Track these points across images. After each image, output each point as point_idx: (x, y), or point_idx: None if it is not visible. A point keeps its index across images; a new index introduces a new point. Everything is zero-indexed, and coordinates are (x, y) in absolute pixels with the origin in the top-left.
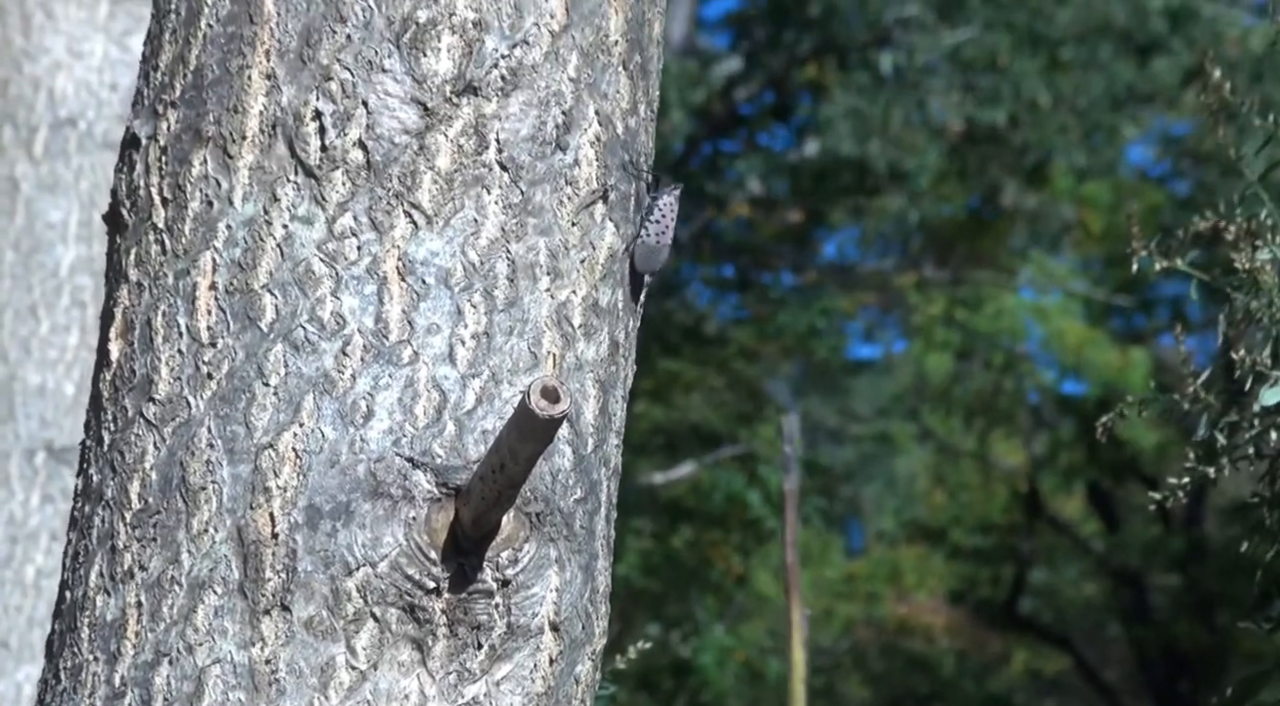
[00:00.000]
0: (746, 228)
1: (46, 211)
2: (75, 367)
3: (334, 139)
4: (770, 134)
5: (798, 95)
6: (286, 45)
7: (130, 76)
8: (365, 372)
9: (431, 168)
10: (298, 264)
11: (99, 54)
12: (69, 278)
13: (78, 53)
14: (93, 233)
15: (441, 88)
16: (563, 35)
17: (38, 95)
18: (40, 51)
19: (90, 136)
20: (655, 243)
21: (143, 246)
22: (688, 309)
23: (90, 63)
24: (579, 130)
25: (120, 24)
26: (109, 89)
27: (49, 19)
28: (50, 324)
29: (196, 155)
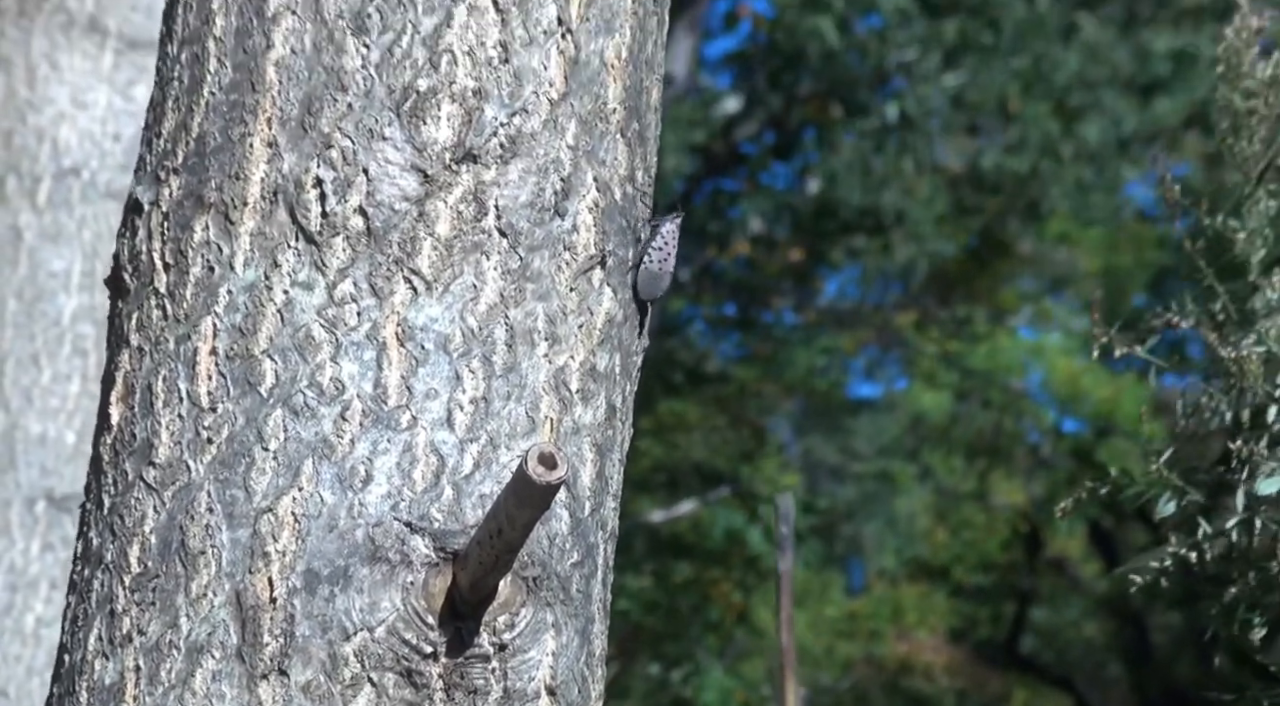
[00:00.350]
0: (747, 266)
1: (49, 261)
2: (76, 416)
3: (335, 205)
4: (771, 173)
5: (799, 134)
6: (288, 113)
7: (134, 126)
8: (364, 437)
9: (431, 234)
10: (298, 329)
11: (103, 104)
12: (71, 326)
13: (82, 103)
14: (95, 282)
15: (441, 155)
16: (561, 103)
17: (42, 146)
18: (45, 102)
19: (93, 186)
20: (658, 269)
21: (144, 311)
22: (689, 347)
23: (94, 113)
24: (577, 196)
25: (124, 74)
26: (112, 139)
27: (54, 70)
28: (52, 373)
29: (198, 221)
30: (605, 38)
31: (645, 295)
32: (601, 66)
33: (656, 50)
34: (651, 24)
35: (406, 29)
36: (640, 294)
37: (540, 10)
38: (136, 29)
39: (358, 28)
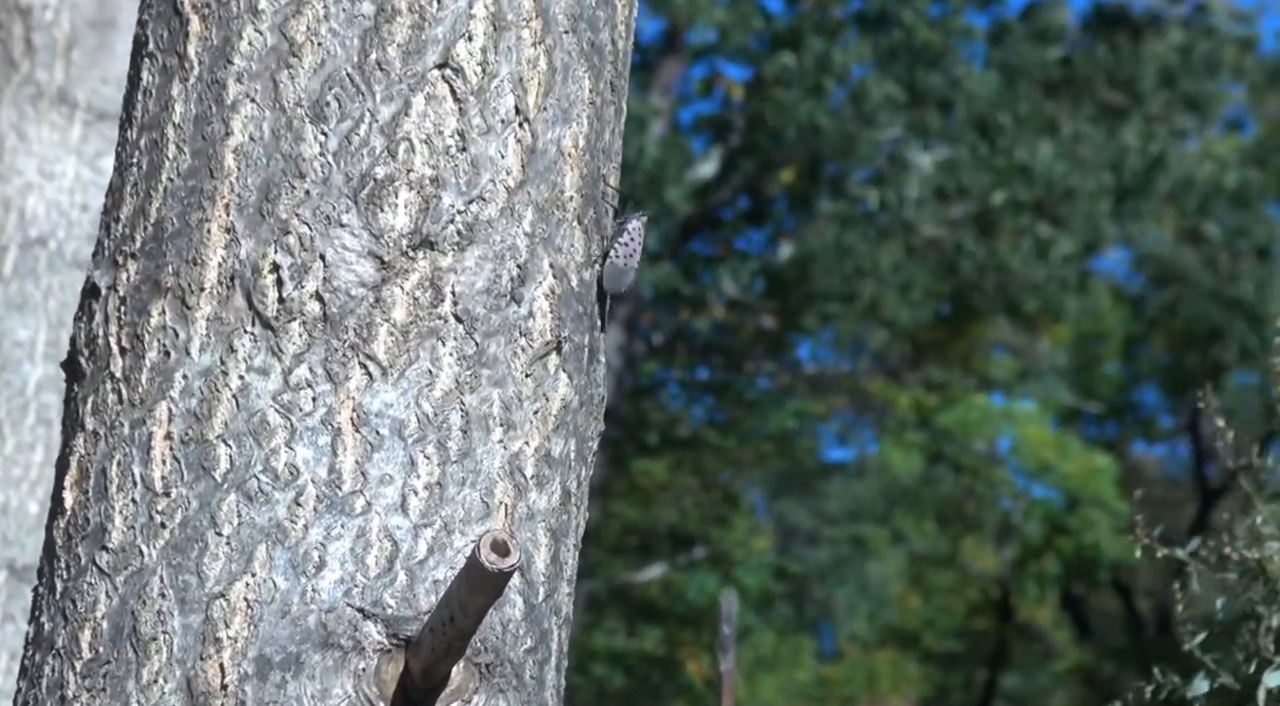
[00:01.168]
0: (721, 331)
1: (14, 330)
2: (40, 486)
3: (291, 291)
4: (746, 238)
5: (774, 200)
6: (246, 199)
7: (101, 197)
8: (318, 523)
9: (387, 320)
10: (253, 415)
11: (70, 175)
12: (35, 396)
13: (49, 174)
14: (60, 352)
15: (398, 242)
16: (518, 191)
17: (9, 215)
18: (12, 173)
19: (60, 256)
20: (623, 264)
21: (100, 395)
22: (662, 410)
23: (62, 183)
24: (534, 283)
25: (92, 146)
26: (79, 209)
27: (21, 141)
28: (15, 442)
29: (155, 306)
30: (563, 127)
31: (610, 289)
32: (559, 155)
33: (614, 138)
34: (609, 113)
35: (364, 117)
36: (605, 287)
37: (498, 100)
38: (105, 101)
39: (316, 115)
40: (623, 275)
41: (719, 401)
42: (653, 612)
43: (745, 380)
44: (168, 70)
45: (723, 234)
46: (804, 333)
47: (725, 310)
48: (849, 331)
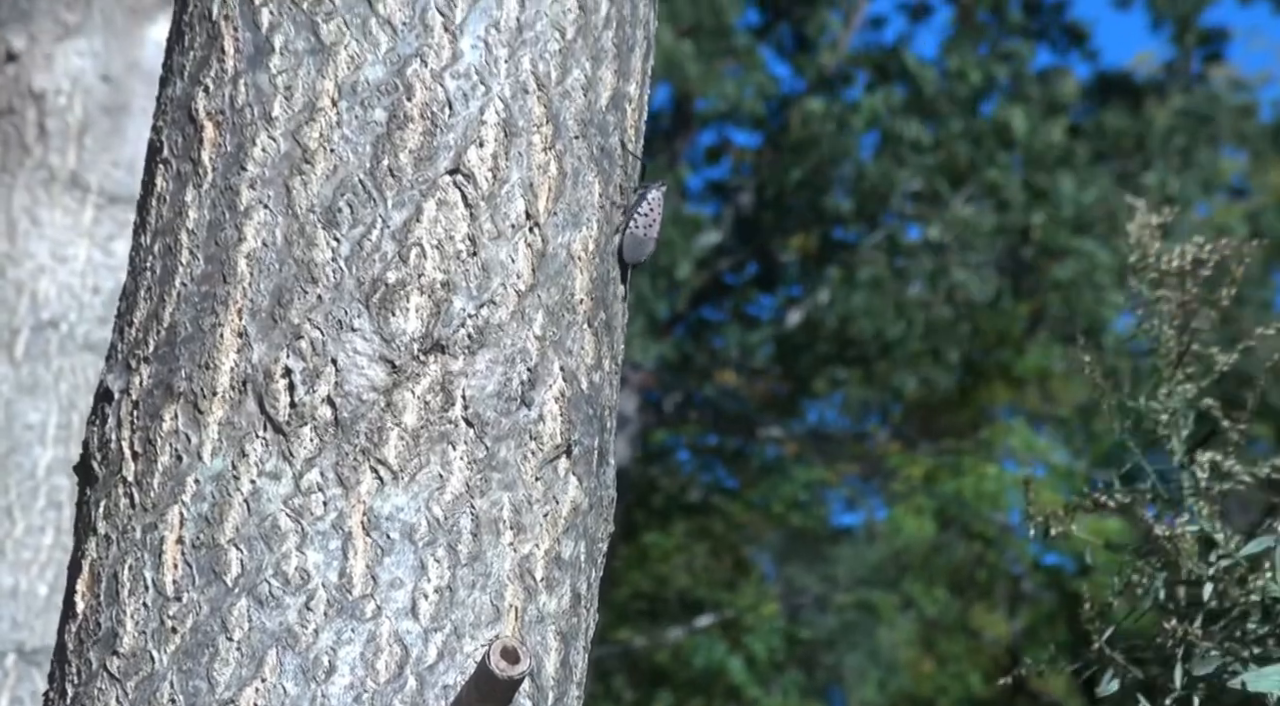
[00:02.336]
0: (730, 396)
1: (25, 413)
2: (49, 569)
3: (303, 396)
4: (755, 304)
5: (784, 266)
6: (259, 304)
7: (113, 280)
8: (328, 627)
9: (398, 424)
10: (264, 519)
11: (82, 258)
12: (46, 478)
13: (61, 257)
14: (70, 434)
15: (409, 346)
16: (529, 295)
17: (21, 298)
18: (25, 256)
19: (71, 338)
20: (643, 234)
21: (112, 499)
22: (672, 476)
23: (74, 266)
24: (544, 386)
25: (104, 229)
26: (91, 292)
27: (34, 225)
28: (25, 525)
29: (168, 410)
30: (573, 231)
31: (630, 258)
32: (569, 259)
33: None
34: (618, 216)
35: (376, 223)
36: (625, 257)
37: (509, 205)
38: (117, 184)
39: (328, 221)
40: (642, 245)
41: (728, 467)
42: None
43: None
44: (182, 176)
45: (732, 300)
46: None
47: (735, 376)
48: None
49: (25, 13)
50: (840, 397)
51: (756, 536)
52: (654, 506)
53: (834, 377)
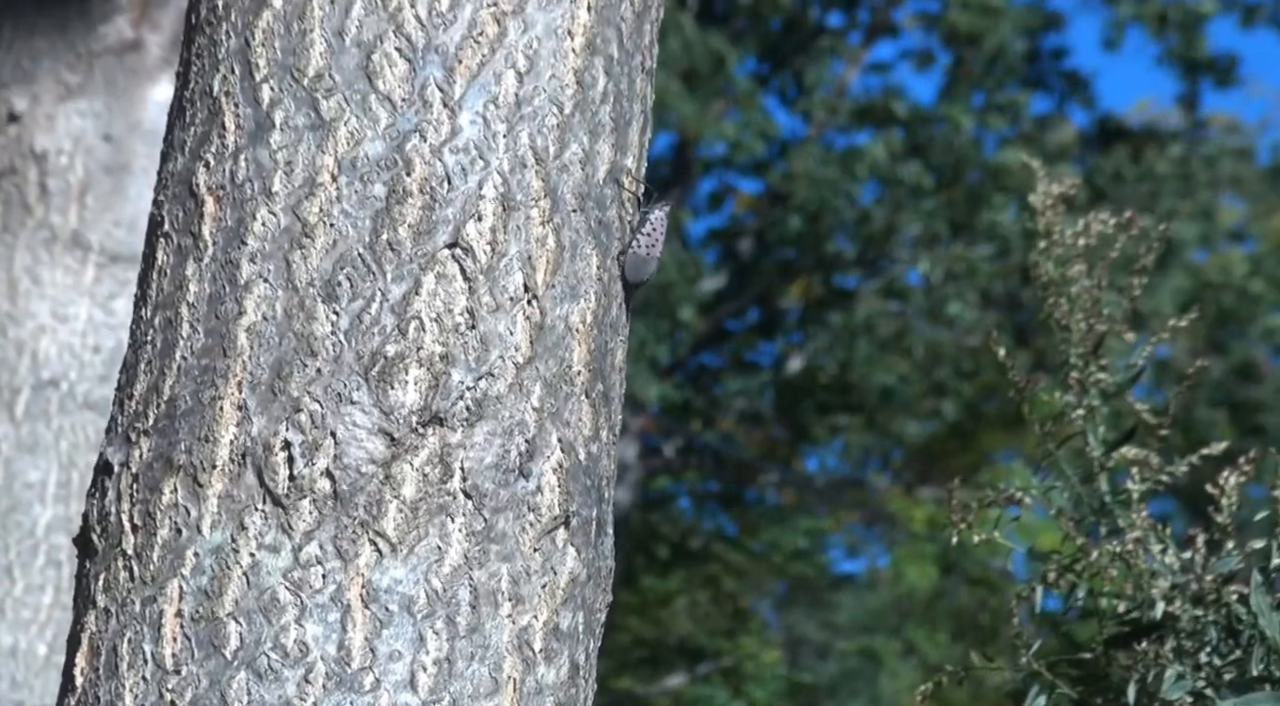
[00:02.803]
0: (731, 443)
1: (25, 471)
2: (49, 628)
3: (302, 469)
4: (756, 351)
5: (784, 313)
6: (258, 377)
7: (114, 339)
8: (327, 700)
9: (397, 496)
10: (263, 592)
11: (83, 317)
12: (45, 537)
13: (62, 316)
14: (70, 493)
15: (408, 419)
16: (527, 367)
17: (21, 358)
18: (25, 316)
19: (72, 397)
20: (645, 254)
21: (111, 572)
22: (673, 523)
23: (74, 326)
24: (542, 457)
25: (105, 288)
26: (92, 351)
27: (35, 284)
28: (25, 584)
29: (167, 483)
30: (570, 303)
31: (633, 278)
32: (567, 331)
33: (621, 313)
34: (616, 288)
35: (376, 296)
36: (628, 276)
37: (507, 278)
38: (118, 244)
39: (328, 295)
40: (645, 264)
41: (729, 514)
42: None
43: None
44: (182, 250)
45: (733, 346)
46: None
47: (735, 423)
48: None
49: (28, 73)
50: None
51: (758, 583)
52: (655, 553)
53: (834, 424)
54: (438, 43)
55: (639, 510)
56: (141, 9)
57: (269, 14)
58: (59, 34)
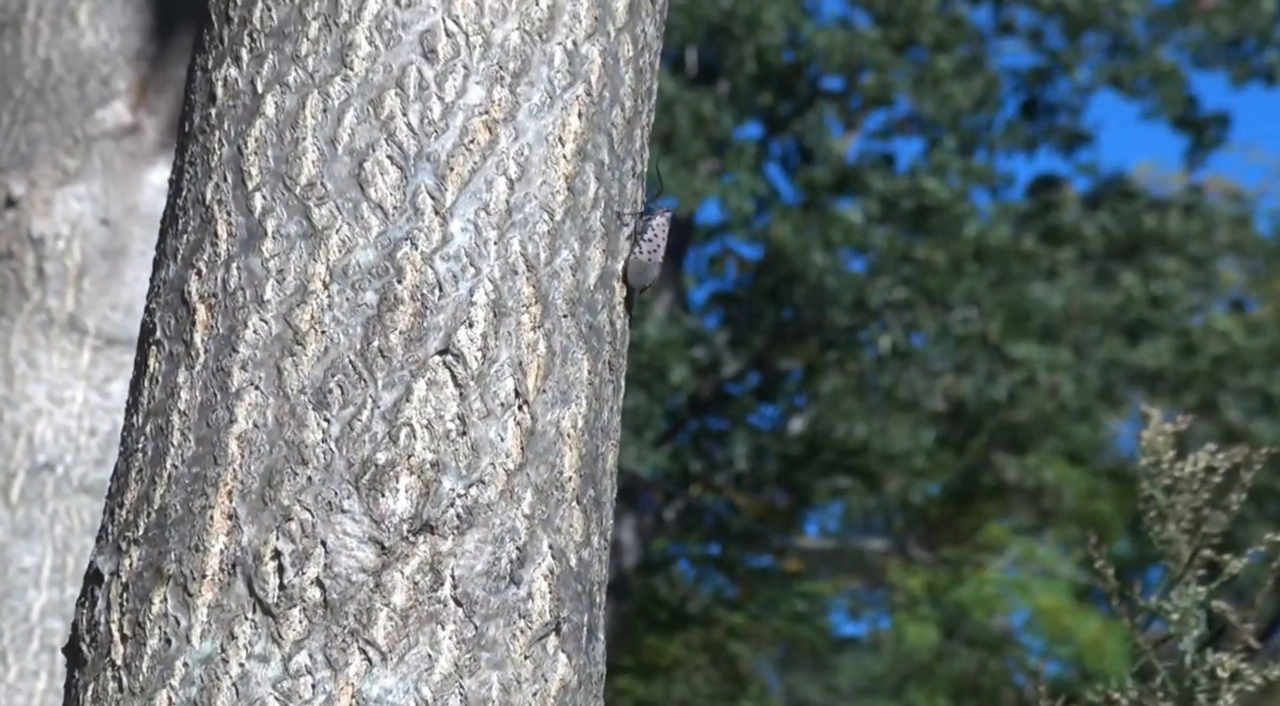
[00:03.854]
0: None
1: (20, 557)
2: None
3: (292, 578)
4: (757, 414)
5: (784, 375)
6: (249, 486)
7: (110, 422)
8: None
9: (387, 605)
10: (253, 702)
11: (79, 400)
12: (40, 622)
13: (58, 399)
14: (65, 577)
15: (399, 527)
16: (518, 474)
17: (17, 442)
18: (22, 400)
19: (67, 480)
20: (647, 259)
21: (100, 682)
22: (673, 586)
23: (70, 409)
24: (533, 564)
25: (102, 371)
26: (88, 434)
27: (31, 368)
28: (19, 669)
29: (157, 593)
30: (562, 408)
31: (635, 283)
32: (558, 436)
33: (613, 416)
34: (607, 392)
35: (366, 403)
36: (630, 281)
37: (498, 383)
38: (115, 327)
39: (319, 402)
40: (647, 270)
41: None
42: None
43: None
44: (174, 358)
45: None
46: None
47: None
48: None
49: (25, 158)
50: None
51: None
52: (655, 617)
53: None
54: (430, 150)
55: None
56: (140, 93)
57: (262, 123)
58: (57, 118)
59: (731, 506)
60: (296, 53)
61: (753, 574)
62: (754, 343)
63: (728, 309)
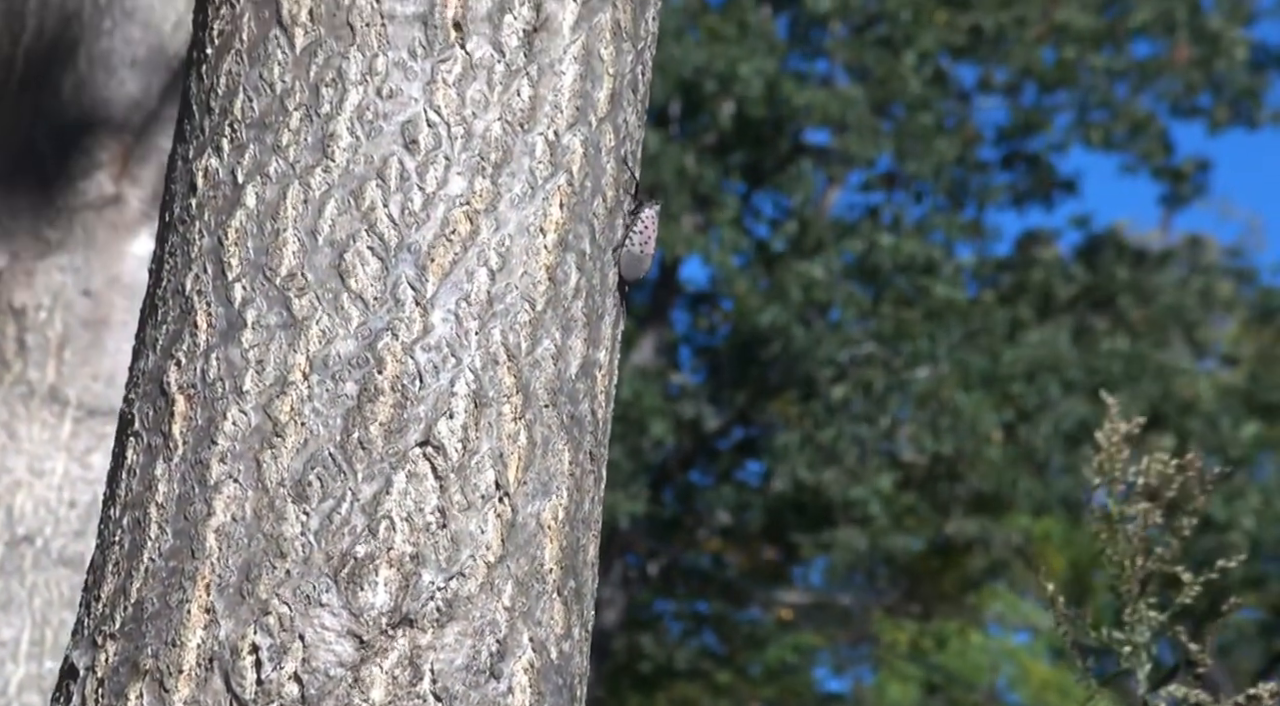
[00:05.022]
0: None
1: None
2: None
3: (270, 673)
4: (741, 468)
5: (765, 430)
6: (227, 580)
7: (90, 494)
8: None
9: (366, 700)
10: None
11: (60, 472)
12: (17, 696)
13: (39, 471)
14: (43, 651)
15: (378, 620)
16: (498, 566)
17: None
18: (2, 471)
19: (46, 553)
20: (639, 251)
21: None
22: (660, 642)
23: (51, 480)
24: (513, 658)
25: (83, 442)
26: (68, 506)
27: (11, 440)
28: None
29: (133, 688)
30: (543, 500)
31: (628, 276)
32: (539, 528)
33: (594, 507)
34: (589, 482)
35: (346, 496)
36: (623, 274)
37: (479, 476)
38: (96, 397)
39: (298, 495)
40: (639, 261)
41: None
42: None
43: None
44: (152, 449)
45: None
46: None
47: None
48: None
49: (7, 230)
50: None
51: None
52: (641, 672)
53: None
54: (410, 241)
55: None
56: (122, 164)
57: (242, 213)
58: (39, 190)
59: (717, 560)
60: (278, 143)
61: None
62: (736, 397)
63: (711, 363)
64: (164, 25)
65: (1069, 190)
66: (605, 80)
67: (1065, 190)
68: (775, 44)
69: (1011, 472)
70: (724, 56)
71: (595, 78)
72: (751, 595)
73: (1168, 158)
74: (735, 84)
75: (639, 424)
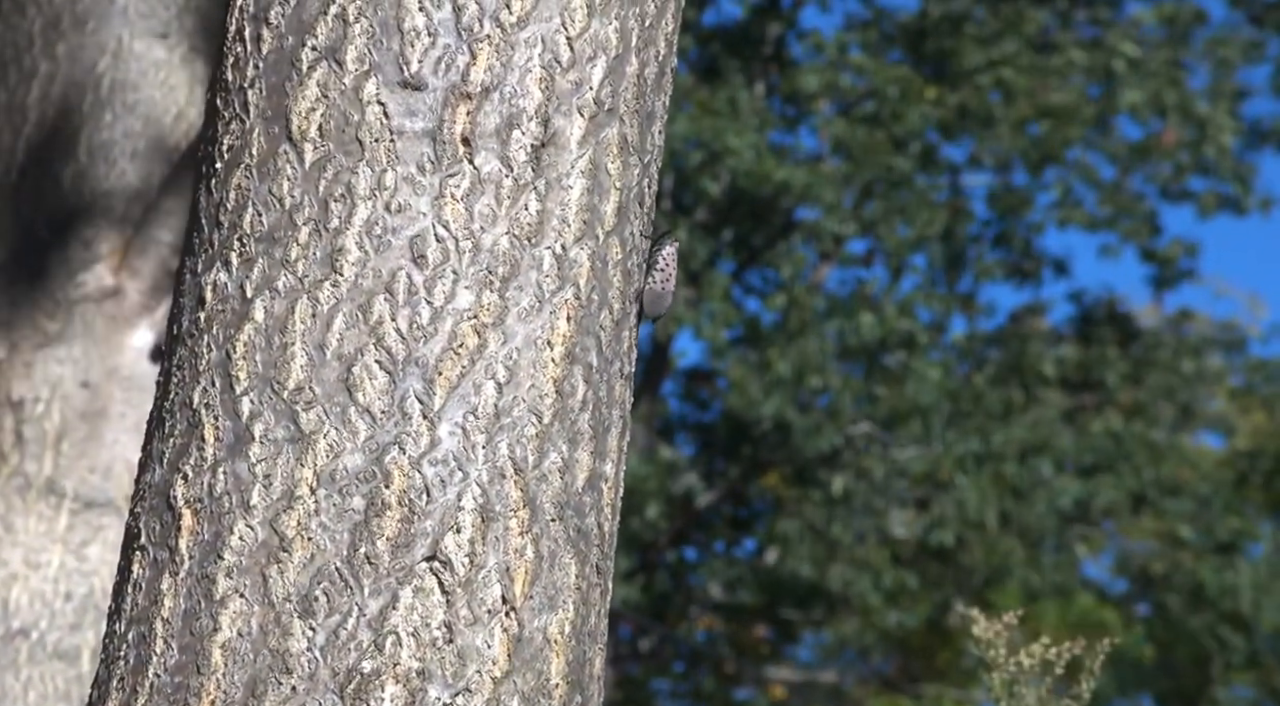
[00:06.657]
0: (710, 640)
1: None
2: None
3: None
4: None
5: (757, 506)
6: (232, 696)
7: (85, 586)
8: None
9: None
10: None
11: (55, 564)
12: None
13: (35, 564)
14: None
15: None
16: (504, 681)
17: None
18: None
19: (41, 646)
20: (660, 288)
21: None
22: None
23: (46, 573)
24: None
25: (79, 535)
26: (63, 598)
27: (8, 532)
28: None
29: None
30: (549, 614)
31: (651, 313)
32: (545, 643)
33: (600, 621)
34: (595, 595)
35: (352, 611)
36: (646, 311)
37: (485, 590)
38: (93, 490)
39: (305, 610)
40: (661, 298)
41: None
42: None
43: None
44: (158, 564)
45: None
46: (793, 641)
47: (713, 617)
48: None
49: (6, 321)
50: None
51: None
52: None
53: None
54: (418, 355)
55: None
56: (121, 256)
57: (250, 327)
58: (39, 282)
59: (709, 637)
60: (286, 257)
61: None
62: (729, 473)
63: (703, 439)
64: (165, 118)
65: (1060, 271)
66: (612, 194)
67: (1057, 270)
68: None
69: (1007, 555)
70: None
71: (602, 192)
72: (744, 672)
73: (1154, 239)
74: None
75: (635, 505)
